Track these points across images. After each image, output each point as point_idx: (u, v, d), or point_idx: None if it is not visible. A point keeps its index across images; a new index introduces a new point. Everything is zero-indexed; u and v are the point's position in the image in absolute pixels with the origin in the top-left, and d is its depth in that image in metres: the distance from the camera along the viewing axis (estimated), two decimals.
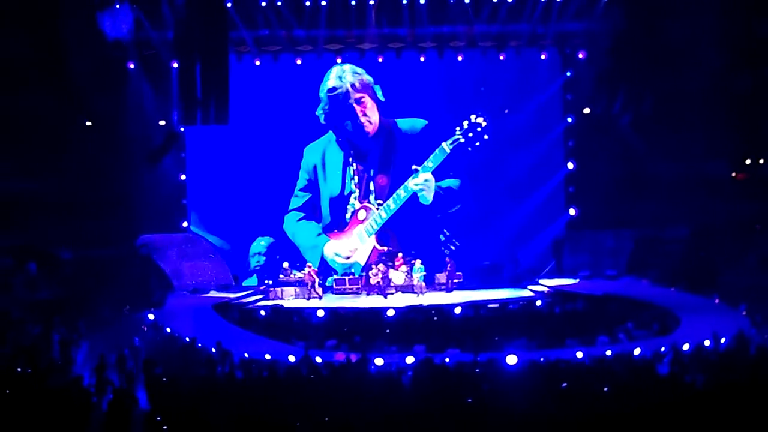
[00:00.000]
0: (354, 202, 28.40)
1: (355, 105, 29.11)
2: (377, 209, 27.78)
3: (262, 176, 32.69)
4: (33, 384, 17.38)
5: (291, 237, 30.09)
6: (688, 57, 30.03)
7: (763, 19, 30.42)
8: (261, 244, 31.85)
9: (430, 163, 28.37)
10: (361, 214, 27.93)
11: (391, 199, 28.12)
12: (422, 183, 26.96)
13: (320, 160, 29.18)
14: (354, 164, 28.48)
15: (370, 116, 29.13)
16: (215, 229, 33.09)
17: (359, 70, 30.03)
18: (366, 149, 28.74)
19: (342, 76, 29.37)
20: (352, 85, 29.04)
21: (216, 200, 33.12)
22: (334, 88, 29.27)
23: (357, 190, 28.00)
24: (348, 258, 28.59)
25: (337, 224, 28.70)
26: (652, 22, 30.30)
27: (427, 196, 27.23)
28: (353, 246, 28.41)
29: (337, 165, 28.75)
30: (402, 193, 27.59)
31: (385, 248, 27.95)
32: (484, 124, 27.99)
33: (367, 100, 29.38)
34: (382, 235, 28.26)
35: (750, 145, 31.53)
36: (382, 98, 29.58)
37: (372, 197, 28.44)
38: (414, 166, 27.83)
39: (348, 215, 28.48)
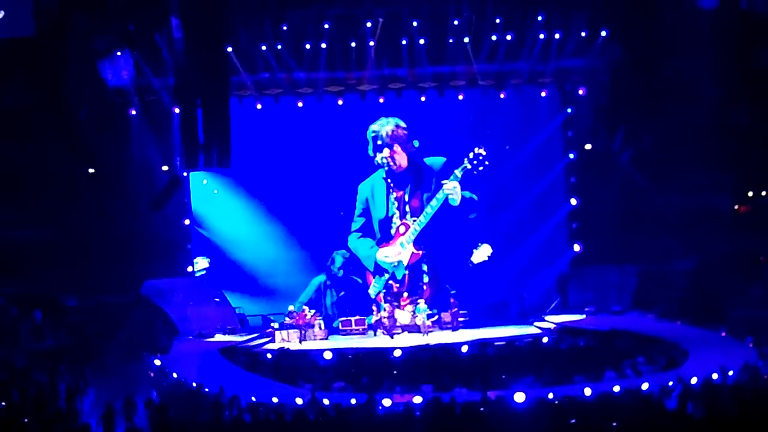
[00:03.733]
0: (396, 221, 32.19)
1: (386, 148, 31.40)
2: (413, 224, 31.60)
3: (264, 217, 33.11)
4: None
5: (354, 251, 32.86)
6: (688, 91, 30.15)
7: (762, 52, 30.58)
8: (340, 257, 33.38)
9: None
10: (402, 229, 31.99)
11: (422, 215, 31.36)
12: (452, 189, 30.66)
13: (370, 193, 32.61)
14: (394, 193, 32.18)
15: (397, 159, 31.61)
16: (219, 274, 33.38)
17: (401, 123, 31.69)
18: (401, 181, 31.92)
19: (383, 123, 31.64)
20: (387, 133, 31.45)
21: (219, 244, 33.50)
22: (373, 131, 31.70)
23: (397, 212, 32.14)
24: (395, 258, 31.88)
25: (386, 238, 32.17)
26: (651, 57, 30.47)
27: (456, 199, 30.86)
28: (398, 251, 31.68)
29: (381, 195, 32.31)
30: (429, 210, 31.26)
31: (420, 252, 31.72)
32: (484, 153, 30.44)
33: (397, 147, 31.55)
34: (417, 242, 31.89)
35: (752, 178, 31.59)
36: (415, 146, 32.06)
37: (408, 216, 31.81)
38: (443, 181, 30.94)
39: (393, 231, 32.15)
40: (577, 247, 33.19)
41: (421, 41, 31.11)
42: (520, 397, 18.07)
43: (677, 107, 30.24)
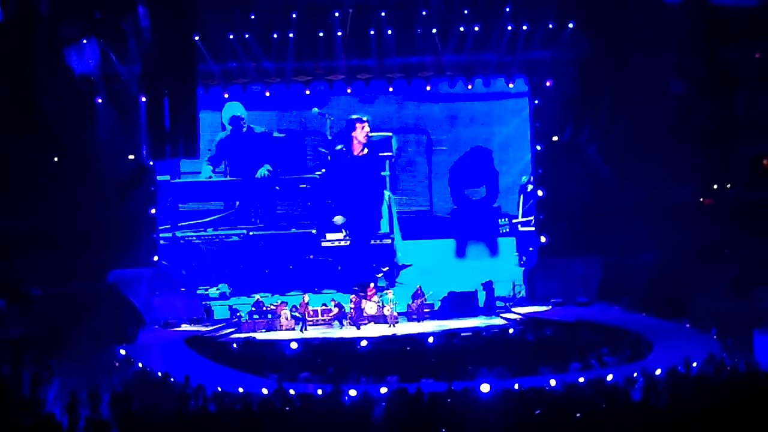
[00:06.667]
0: None
1: None
2: None
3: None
4: (4, 422, 17.25)
5: None
6: (655, 84, 30.26)
7: (727, 46, 30.71)
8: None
9: None
10: None
11: None
12: None
13: None
14: None
15: None
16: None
17: None
18: None
19: None
20: None
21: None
22: None
23: None
24: None
25: None
26: (617, 49, 30.52)
27: None
28: None
29: None
30: None
31: None
32: None
33: None
34: None
35: (717, 171, 31.74)
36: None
37: None
38: None
39: None
40: (543, 239, 33.22)
41: (389, 32, 30.94)
42: (485, 387, 18.13)
43: (644, 100, 30.35)
